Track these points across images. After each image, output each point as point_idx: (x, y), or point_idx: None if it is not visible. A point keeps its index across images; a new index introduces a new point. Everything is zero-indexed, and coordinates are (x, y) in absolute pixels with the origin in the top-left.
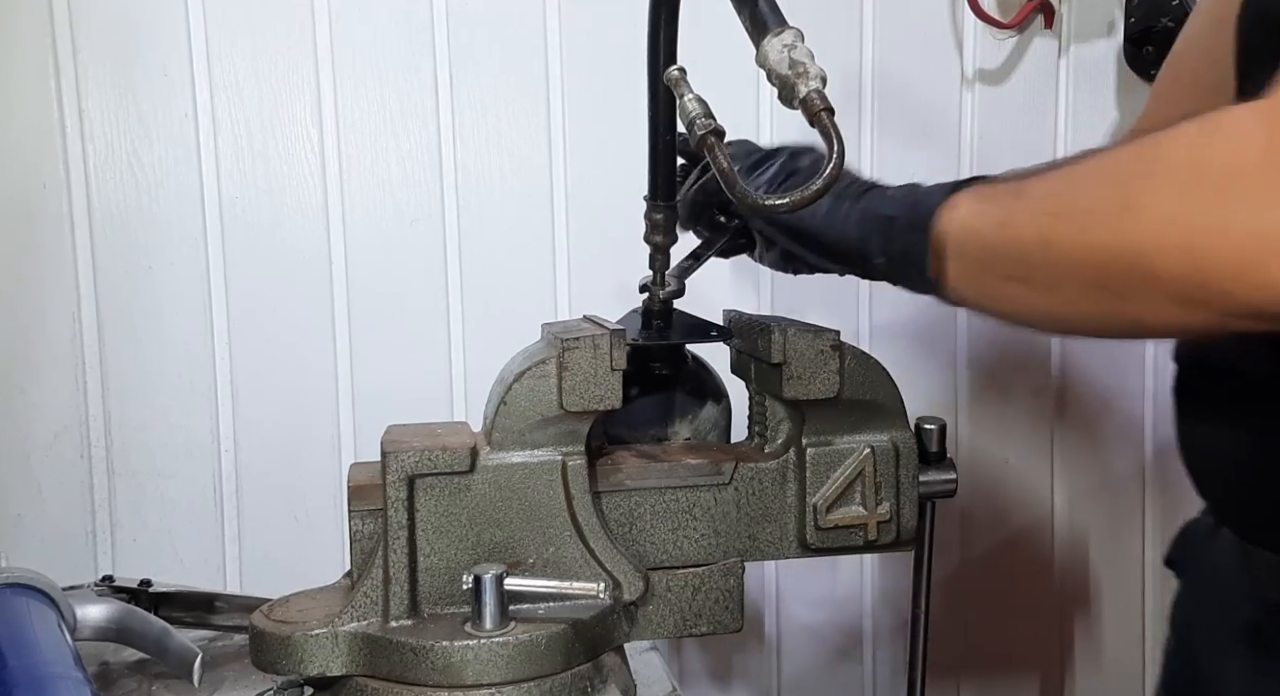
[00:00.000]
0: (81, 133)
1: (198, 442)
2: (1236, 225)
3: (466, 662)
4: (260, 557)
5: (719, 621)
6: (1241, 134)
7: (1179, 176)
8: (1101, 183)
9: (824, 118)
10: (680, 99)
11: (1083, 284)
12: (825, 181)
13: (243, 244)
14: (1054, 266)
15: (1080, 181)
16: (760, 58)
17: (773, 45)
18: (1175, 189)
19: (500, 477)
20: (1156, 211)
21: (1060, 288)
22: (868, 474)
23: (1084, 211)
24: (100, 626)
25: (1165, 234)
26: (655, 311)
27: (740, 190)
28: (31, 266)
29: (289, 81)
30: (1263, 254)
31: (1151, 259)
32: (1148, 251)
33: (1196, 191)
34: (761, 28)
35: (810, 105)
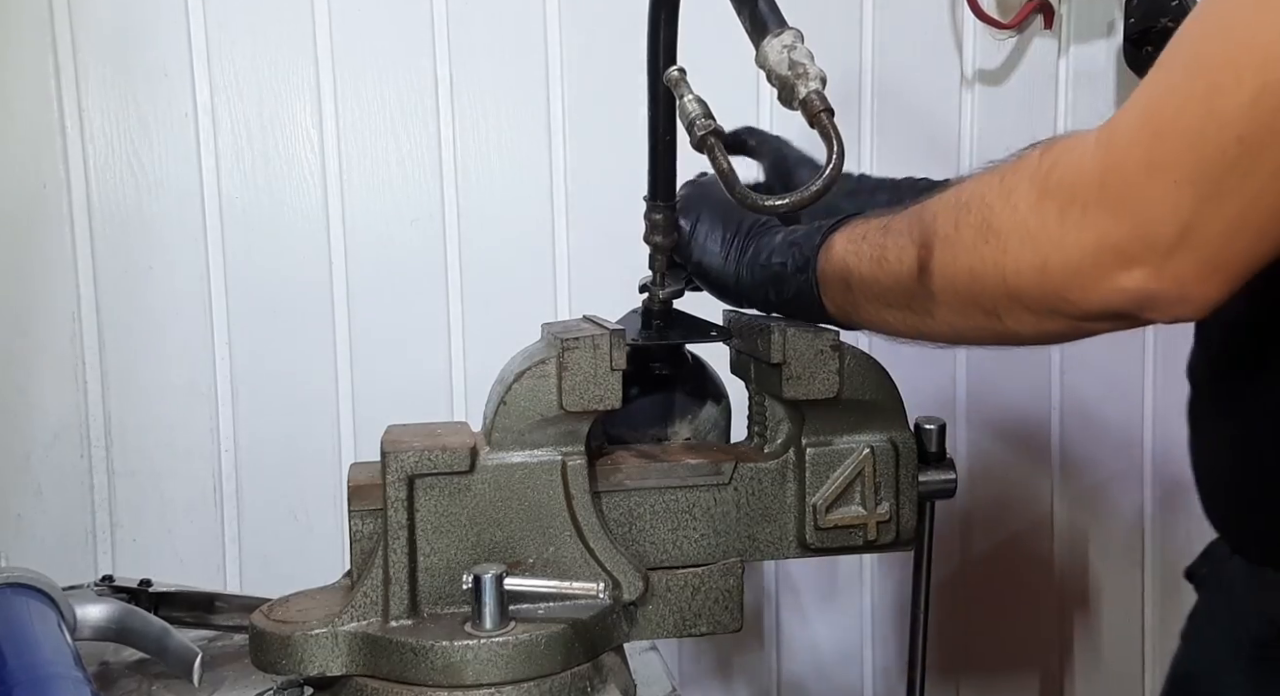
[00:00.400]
0: (82, 133)
1: (197, 442)
2: (1078, 243)
3: (466, 662)
4: (260, 557)
5: (719, 621)
6: (1080, 161)
7: (1029, 201)
8: (962, 211)
9: (823, 119)
10: (680, 99)
11: (957, 305)
12: (825, 182)
13: (243, 244)
14: (929, 294)
15: (943, 212)
16: (760, 58)
17: (772, 46)
18: (1026, 213)
19: (500, 477)
20: (1011, 235)
21: (938, 310)
22: (867, 474)
23: (949, 239)
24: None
25: (1020, 255)
26: (655, 311)
27: (740, 191)
28: (32, 266)
29: (289, 81)
30: (1100, 266)
31: (1011, 279)
32: (1007, 272)
33: (1044, 214)
34: (761, 28)
35: (810, 106)
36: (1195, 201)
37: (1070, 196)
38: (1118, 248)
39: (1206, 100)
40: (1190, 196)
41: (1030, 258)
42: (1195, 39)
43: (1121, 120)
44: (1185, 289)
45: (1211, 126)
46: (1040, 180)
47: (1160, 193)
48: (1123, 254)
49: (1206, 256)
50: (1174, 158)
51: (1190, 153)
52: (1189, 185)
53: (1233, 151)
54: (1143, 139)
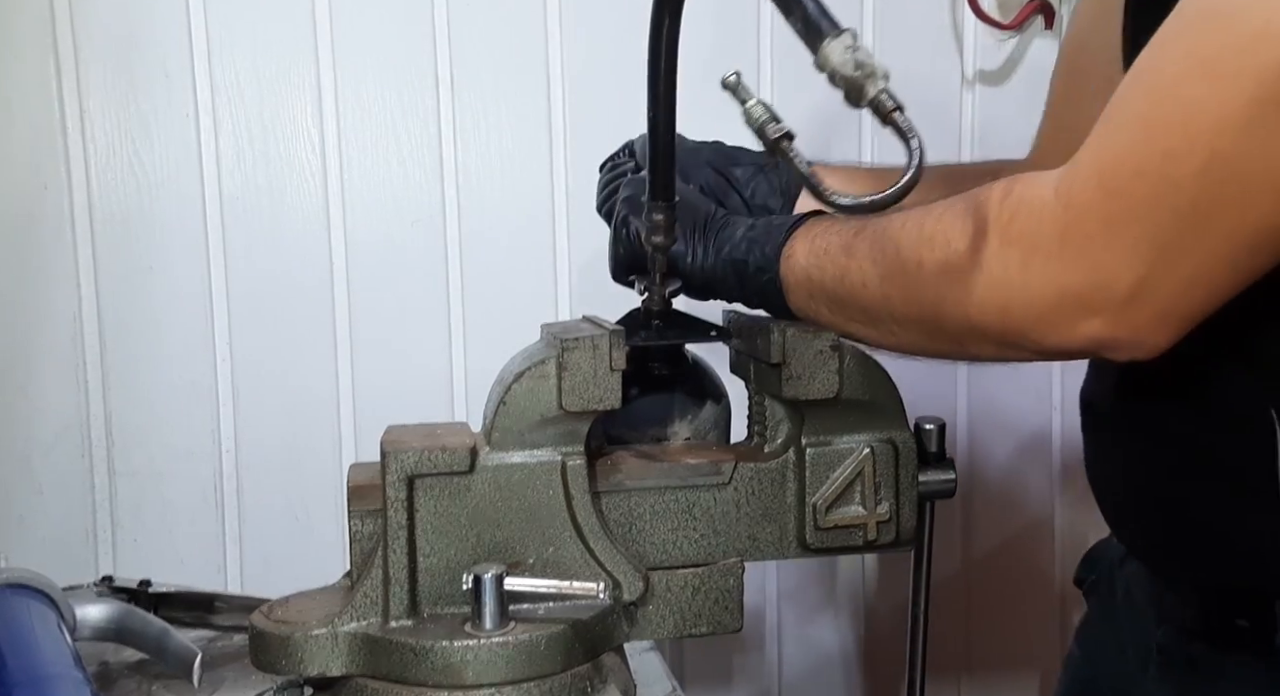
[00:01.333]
0: (83, 133)
1: (198, 443)
2: (1040, 291)
3: (466, 663)
4: (260, 558)
5: (719, 621)
6: (1040, 213)
7: (992, 247)
8: (925, 247)
9: (897, 117)
10: (744, 105)
11: (920, 331)
12: (909, 181)
13: (243, 244)
14: (893, 317)
15: (907, 245)
16: (820, 61)
17: (834, 48)
18: (989, 258)
19: (500, 478)
20: (975, 277)
21: (902, 332)
22: (867, 474)
23: (913, 273)
24: (100, 626)
25: (984, 296)
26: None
27: (825, 191)
28: (33, 267)
29: (290, 81)
30: (1061, 313)
31: (974, 316)
32: (971, 310)
33: (1006, 261)
34: (817, 32)
35: (882, 106)
36: (1151, 259)
37: (1032, 246)
38: (1078, 297)
39: (1161, 166)
40: (1146, 254)
41: (994, 299)
42: (1146, 99)
43: (1079, 176)
44: (1140, 336)
45: (1166, 191)
46: (1002, 228)
47: (1118, 249)
48: (1082, 303)
49: (1161, 308)
50: (1131, 218)
51: (1147, 215)
52: (1145, 243)
53: (1187, 214)
54: (1099, 198)
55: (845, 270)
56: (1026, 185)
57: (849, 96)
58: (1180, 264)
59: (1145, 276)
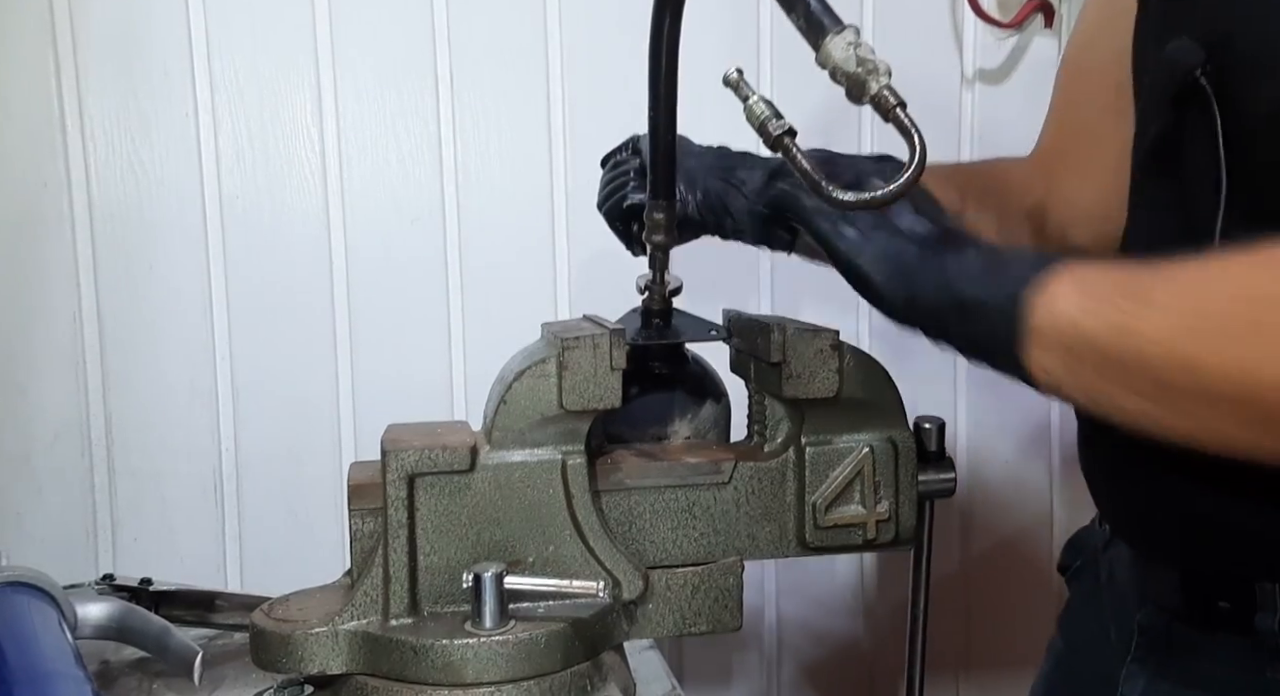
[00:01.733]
0: (82, 132)
1: (198, 441)
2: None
3: (466, 661)
4: (260, 556)
5: (718, 620)
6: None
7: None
8: (1263, 308)
9: (899, 114)
10: (746, 101)
11: (1239, 415)
12: (911, 177)
13: (243, 243)
14: (1198, 391)
15: (1229, 303)
16: (822, 58)
17: (836, 44)
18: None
19: (500, 476)
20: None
21: (1203, 413)
22: (867, 473)
23: (1242, 340)
24: (101, 625)
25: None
26: (655, 311)
27: (825, 190)
28: (32, 266)
29: (290, 81)
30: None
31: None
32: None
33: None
34: (819, 28)
35: (883, 102)
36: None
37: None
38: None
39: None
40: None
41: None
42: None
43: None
44: None
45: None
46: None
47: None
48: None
49: None
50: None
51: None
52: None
53: None
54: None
55: (1133, 319)
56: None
57: (851, 93)
58: None
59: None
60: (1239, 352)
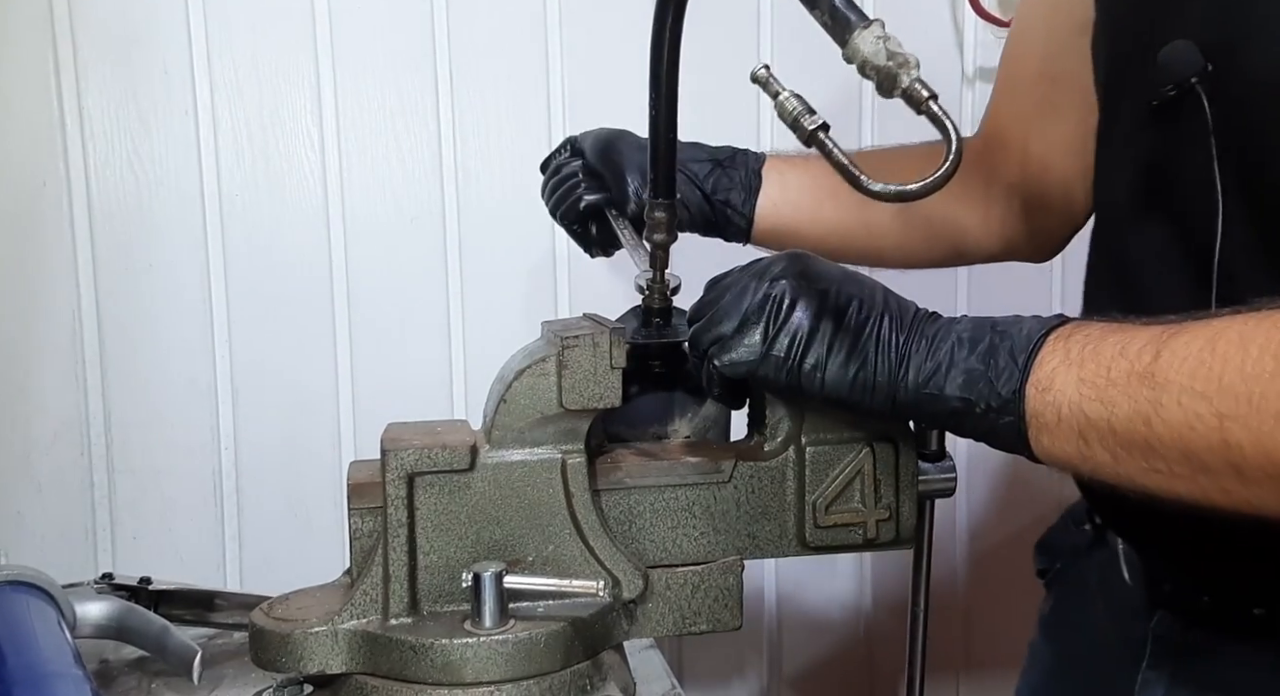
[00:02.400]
0: (82, 131)
1: (198, 440)
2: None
3: (466, 660)
4: (260, 555)
5: (718, 619)
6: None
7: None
8: (1275, 380)
9: (932, 106)
10: (776, 98)
11: (1270, 488)
12: (949, 169)
13: (243, 242)
14: (1238, 471)
15: (1250, 377)
16: (850, 52)
17: (865, 39)
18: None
19: (500, 476)
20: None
21: (1246, 490)
22: (867, 472)
23: (1269, 416)
24: (100, 624)
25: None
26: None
27: (864, 183)
28: (32, 264)
29: (289, 80)
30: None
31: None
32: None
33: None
34: (845, 23)
35: (915, 95)
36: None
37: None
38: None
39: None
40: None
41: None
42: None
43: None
44: None
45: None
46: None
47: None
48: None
49: None
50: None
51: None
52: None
53: None
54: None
55: (1154, 406)
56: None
57: (881, 87)
58: None
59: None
60: (1276, 436)
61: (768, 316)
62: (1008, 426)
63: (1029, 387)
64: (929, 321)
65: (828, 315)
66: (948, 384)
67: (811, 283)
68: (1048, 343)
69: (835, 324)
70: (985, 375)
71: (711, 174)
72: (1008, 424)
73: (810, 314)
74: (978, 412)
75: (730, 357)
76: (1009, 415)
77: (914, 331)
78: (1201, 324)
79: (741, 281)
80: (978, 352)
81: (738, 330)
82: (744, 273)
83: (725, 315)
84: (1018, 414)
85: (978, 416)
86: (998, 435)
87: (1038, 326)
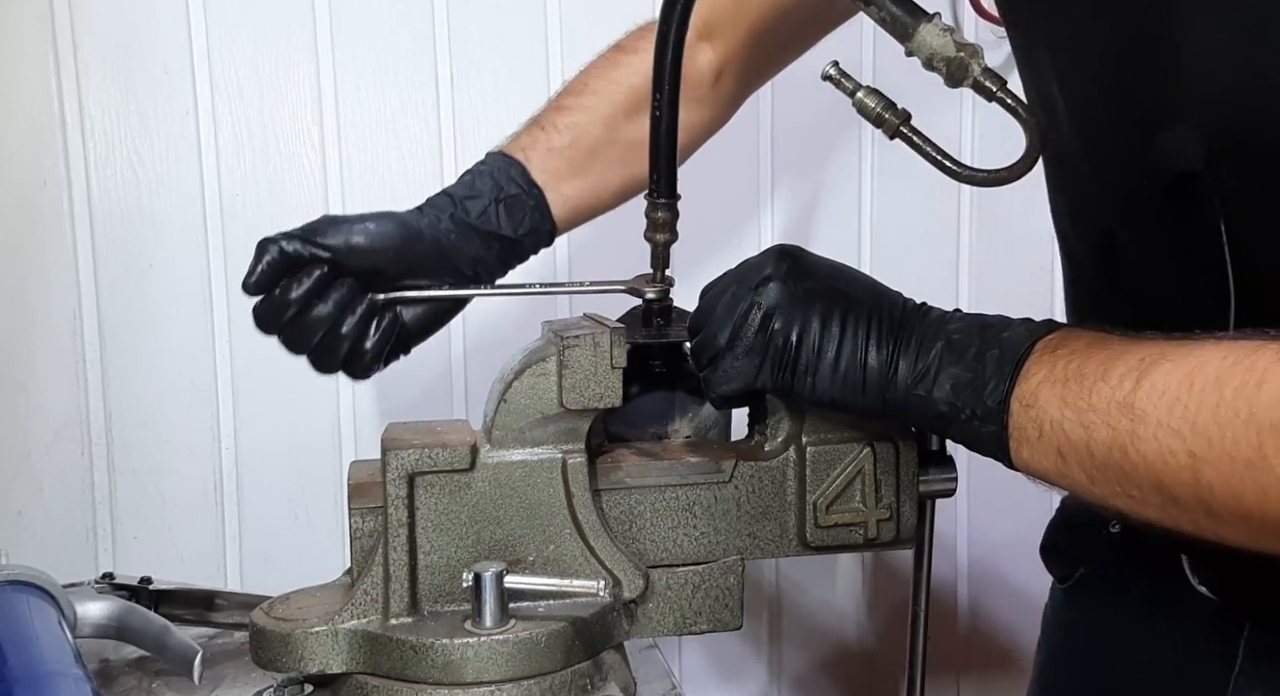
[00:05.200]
0: (82, 130)
1: (198, 440)
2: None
3: (466, 660)
4: (260, 555)
5: (719, 619)
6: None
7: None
8: (1268, 435)
9: (1004, 95)
10: (854, 96)
11: (1249, 529)
12: (1034, 154)
13: (243, 241)
14: (1208, 509)
15: (1232, 427)
16: (916, 46)
17: (930, 31)
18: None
19: (500, 475)
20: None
21: (1214, 525)
22: (867, 472)
23: (1255, 465)
24: (100, 623)
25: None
26: (656, 309)
27: (952, 167)
28: (32, 264)
29: (289, 79)
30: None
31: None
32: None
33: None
34: (907, 18)
35: (988, 83)
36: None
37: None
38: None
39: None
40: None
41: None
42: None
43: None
44: None
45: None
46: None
47: None
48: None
49: None
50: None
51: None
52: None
53: None
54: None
55: (1131, 437)
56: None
57: (951, 77)
58: None
59: None
60: (1245, 481)
61: (754, 328)
62: (990, 435)
63: (1013, 401)
64: (919, 318)
65: (816, 318)
66: (935, 388)
67: (799, 283)
68: (1034, 353)
69: (823, 327)
70: (972, 383)
71: (498, 214)
72: (990, 433)
73: (799, 318)
74: (962, 419)
75: (724, 374)
76: (992, 424)
77: (904, 330)
78: (1183, 352)
79: (730, 290)
80: (966, 359)
81: (729, 346)
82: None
83: (719, 328)
84: (1001, 424)
85: (962, 423)
86: (979, 442)
87: (1025, 335)
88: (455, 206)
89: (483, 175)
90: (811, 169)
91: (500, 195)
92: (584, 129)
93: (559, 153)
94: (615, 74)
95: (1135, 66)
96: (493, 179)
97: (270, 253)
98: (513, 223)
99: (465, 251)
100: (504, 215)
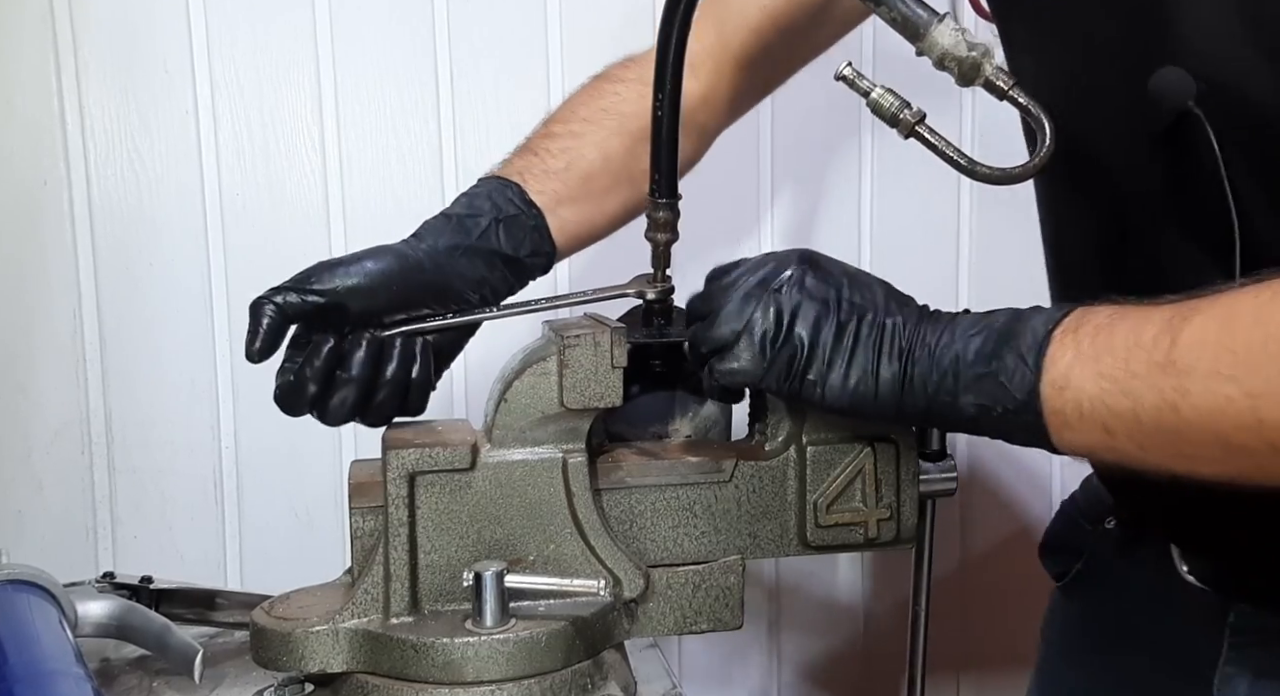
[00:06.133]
0: (82, 129)
1: (198, 439)
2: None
3: (467, 659)
4: (261, 554)
5: (719, 618)
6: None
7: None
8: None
9: (1016, 94)
10: (868, 95)
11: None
12: (1049, 151)
13: (243, 241)
14: (1269, 448)
15: (1273, 352)
16: (928, 46)
17: (943, 32)
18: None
19: (501, 475)
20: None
21: (1270, 464)
22: (868, 471)
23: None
24: (101, 623)
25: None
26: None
27: (970, 167)
28: (32, 263)
29: (290, 78)
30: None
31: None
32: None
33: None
34: (919, 18)
35: (999, 83)
36: None
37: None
38: None
39: None
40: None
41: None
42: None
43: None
44: None
45: None
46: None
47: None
48: None
49: None
50: None
51: None
52: None
53: None
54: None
55: (1180, 394)
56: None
57: (963, 77)
58: None
59: None
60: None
61: (769, 328)
62: (1027, 425)
63: (1045, 387)
64: (931, 324)
65: (829, 327)
66: (960, 391)
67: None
68: (1055, 338)
69: (836, 337)
70: (997, 379)
71: (490, 229)
72: (1026, 423)
73: (810, 326)
74: (995, 416)
75: (730, 367)
76: (1028, 415)
77: (917, 338)
78: (1211, 302)
79: (746, 286)
80: (984, 357)
81: (738, 340)
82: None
83: (727, 321)
84: (1035, 412)
85: (995, 419)
86: (1016, 435)
87: (1043, 322)
88: (454, 227)
89: (479, 196)
90: (812, 169)
91: (500, 215)
92: (578, 153)
93: (555, 175)
94: (603, 103)
95: (1129, 22)
96: (490, 200)
97: (266, 314)
98: (513, 242)
99: (468, 275)
100: (504, 235)
